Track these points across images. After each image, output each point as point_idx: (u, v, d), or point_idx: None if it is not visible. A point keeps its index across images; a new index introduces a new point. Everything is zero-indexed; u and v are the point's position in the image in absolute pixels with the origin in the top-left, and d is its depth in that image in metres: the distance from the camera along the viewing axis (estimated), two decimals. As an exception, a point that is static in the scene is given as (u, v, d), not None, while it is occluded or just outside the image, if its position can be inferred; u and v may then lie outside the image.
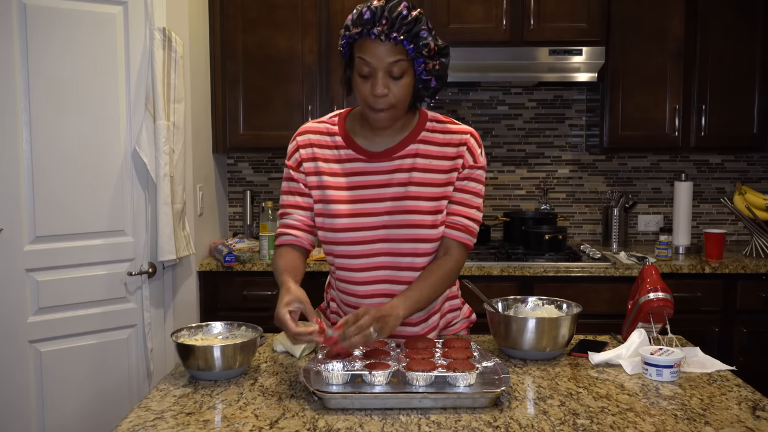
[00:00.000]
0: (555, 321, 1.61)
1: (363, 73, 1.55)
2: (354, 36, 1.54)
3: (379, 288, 1.68)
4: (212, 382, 1.50)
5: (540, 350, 1.61)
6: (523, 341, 1.61)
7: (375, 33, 1.50)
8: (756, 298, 3.08)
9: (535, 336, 1.60)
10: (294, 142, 1.72)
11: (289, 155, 1.73)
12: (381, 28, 1.50)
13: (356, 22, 1.53)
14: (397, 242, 1.65)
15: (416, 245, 1.65)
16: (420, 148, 1.67)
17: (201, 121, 3.17)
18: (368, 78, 1.55)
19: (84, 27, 2.52)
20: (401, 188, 1.65)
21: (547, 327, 1.60)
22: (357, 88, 1.58)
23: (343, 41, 1.58)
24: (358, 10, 1.54)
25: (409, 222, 1.64)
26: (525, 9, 3.22)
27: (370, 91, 1.55)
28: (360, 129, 1.69)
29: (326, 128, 1.71)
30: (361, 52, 1.53)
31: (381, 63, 1.52)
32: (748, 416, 1.31)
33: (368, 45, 1.52)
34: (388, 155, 1.66)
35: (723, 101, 3.29)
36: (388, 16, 1.50)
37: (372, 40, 1.52)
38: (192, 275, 3.00)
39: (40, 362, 2.49)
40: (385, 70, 1.53)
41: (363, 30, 1.52)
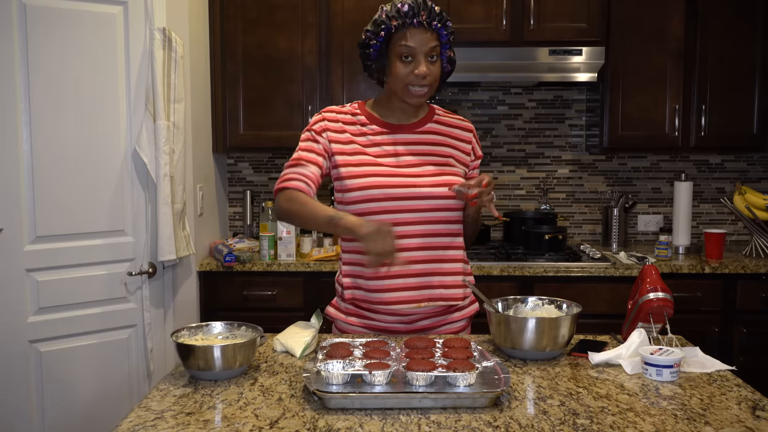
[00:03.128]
0: (555, 321, 1.61)
1: (405, 58, 1.76)
2: (395, 26, 1.75)
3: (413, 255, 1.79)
4: (212, 382, 1.50)
5: (540, 350, 1.61)
6: (523, 341, 1.61)
7: (418, 21, 1.74)
8: (756, 298, 3.08)
9: (535, 336, 1.60)
10: (320, 115, 1.88)
11: (313, 122, 1.86)
12: (422, 17, 1.74)
13: (395, 15, 1.75)
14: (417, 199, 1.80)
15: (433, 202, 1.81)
16: (435, 127, 1.91)
17: (201, 121, 3.17)
18: (409, 62, 1.76)
19: (84, 27, 2.52)
20: (422, 157, 1.85)
21: (547, 327, 1.60)
22: (396, 71, 1.78)
23: (382, 33, 1.76)
24: (392, 6, 1.76)
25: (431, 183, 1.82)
26: (525, 9, 3.22)
27: (411, 71, 1.76)
28: (382, 111, 1.89)
29: (348, 110, 1.90)
30: (403, 40, 1.75)
31: (423, 47, 1.76)
32: (748, 416, 1.31)
33: (411, 32, 1.75)
34: (411, 128, 1.88)
35: (723, 101, 3.29)
36: (426, 8, 1.75)
37: (415, 27, 1.75)
38: (192, 275, 3.00)
39: (40, 362, 2.49)
40: (425, 53, 1.76)
41: (405, 21, 1.74)
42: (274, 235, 3.14)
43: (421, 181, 1.80)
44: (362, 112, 1.89)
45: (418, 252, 1.80)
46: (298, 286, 3.10)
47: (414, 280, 1.80)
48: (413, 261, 1.79)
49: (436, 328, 1.88)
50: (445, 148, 1.89)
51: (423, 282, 1.81)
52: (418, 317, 1.85)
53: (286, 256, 3.13)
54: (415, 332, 1.85)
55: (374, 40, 1.78)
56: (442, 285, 1.83)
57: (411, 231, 1.79)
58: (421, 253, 1.80)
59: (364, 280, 1.83)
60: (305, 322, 1.79)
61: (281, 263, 3.10)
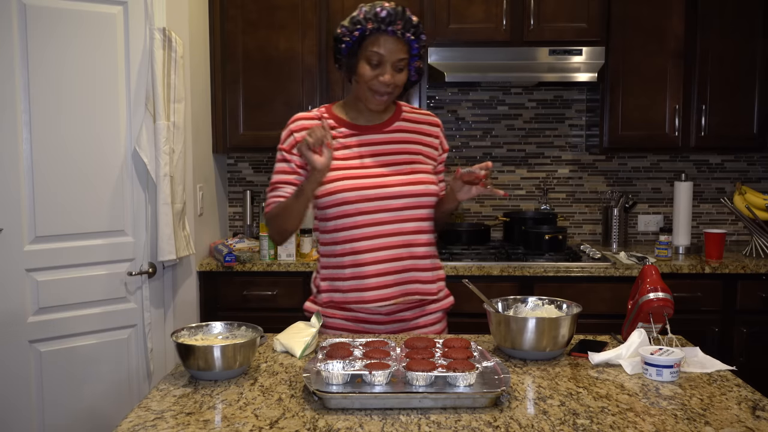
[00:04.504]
0: (555, 321, 1.61)
1: (373, 63, 1.79)
2: (370, 29, 1.77)
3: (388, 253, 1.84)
4: (212, 382, 1.50)
5: (540, 350, 1.61)
6: (523, 341, 1.61)
7: (392, 30, 1.77)
8: (756, 298, 3.08)
9: (535, 336, 1.60)
10: (287, 129, 1.90)
11: (282, 140, 1.90)
12: (398, 26, 1.77)
13: (372, 19, 1.76)
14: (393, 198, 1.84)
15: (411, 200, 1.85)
16: (403, 125, 1.95)
17: (201, 121, 3.17)
18: (376, 66, 1.79)
19: (84, 27, 2.52)
20: (392, 156, 1.89)
21: (547, 327, 1.60)
22: (362, 72, 1.81)
23: (356, 33, 1.78)
24: (371, 8, 1.78)
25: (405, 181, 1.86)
26: (525, 9, 3.22)
27: (376, 76, 1.80)
28: (349, 113, 1.92)
29: (315, 115, 1.92)
30: (375, 46, 1.78)
31: (392, 56, 1.79)
32: (748, 416, 1.31)
33: (382, 39, 1.78)
34: (379, 128, 1.92)
35: (723, 101, 3.29)
36: (403, 18, 1.78)
37: (388, 35, 1.77)
38: (192, 275, 3.00)
39: (40, 362, 2.49)
40: (393, 62, 1.79)
41: (380, 26, 1.76)
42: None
43: (392, 181, 1.85)
44: (330, 115, 1.92)
45: (393, 250, 1.85)
46: (298, 286, 3.09)
47: (390, 278, 1.85)
48: (390, 259, 1.84)
49: (414, 320, 1.93)
50: (414, 146, 1.93)
51: (399, 279, 1.86)
52: (396, 308, 1.90)
53: (286, 256, 3.13)
54: (394, 323, 1.91)
55: (347, 38, 1.80)
56: (417, 280, 1.89)
57: (385, 230, 1.84)
58: (395, 251, 1.85)
59: (341, 282, 1.87)
60: (305, 322, 1.79)
61: (281, 263, 3.10)
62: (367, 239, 1.83)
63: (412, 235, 1.87)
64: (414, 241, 1.87)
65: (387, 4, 1.78)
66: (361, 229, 1.83)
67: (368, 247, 1.83)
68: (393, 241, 1.84)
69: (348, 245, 1.84)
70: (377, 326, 1.90)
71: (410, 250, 1.87)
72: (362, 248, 1.83)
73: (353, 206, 1.82)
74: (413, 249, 1.87)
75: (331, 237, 1.87)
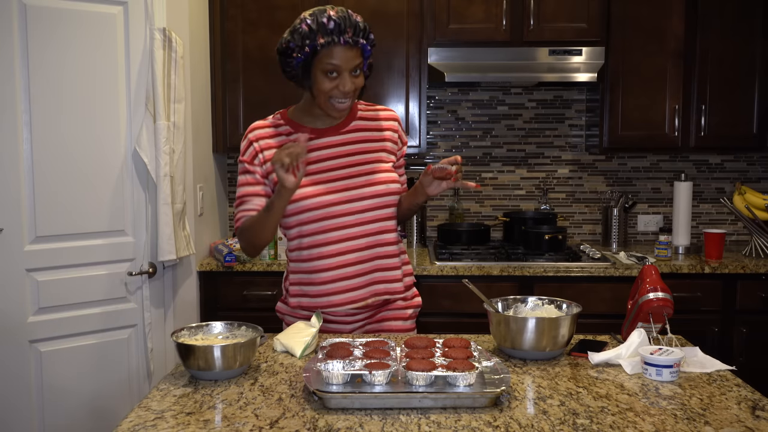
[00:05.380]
0: (555, 321, 1.61)
1: (330, 74, 1.77)
2: (321, 44, 1.74)
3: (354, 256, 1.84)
4: (212, 381, 1.50)
5: (540, 350, 1.61)
6: (523, 341, 1.61)
7: (344, 40, 1.74)
8: (756, 298, 3.08)
9: (535, 336, 1.60)
10: (246, 140, 1.91)
11: (243, 152, 1.90)
12: (348, 35, 1.74)
13: (322, 32, 1.73)
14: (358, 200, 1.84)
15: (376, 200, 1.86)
16: (360, 124, 1.94)
17: (201, 121, 3.17)
18: (334, 77, 1.77)
19: (84, 27, 2.52)
20: (354, 157, 1.88)
21: (547, 327, 1.60)
22: (321, 86, 1.79)
23: (307, 48, 1.75)
24: (315, 18, 1.74)
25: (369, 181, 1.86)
26: (525, 9, 3.22)
27: (335, 87, 1.78)
28: (306, 118, 1.90)
29: (272, 122, 1.92)
30: (329, 57, 1.75)
31: (348, 64, 1.77)
32: (748, 416, 1.31)
33: (336, 50, 1.75)
34: (336, 130, 1.90)
35: (723, 101, 3.29)
36: (351, 25, 1.75)
37: (341, 45, 1.75)
38: (192, 275, 3.00)
39: (40, 362, 2.49)
40: (349, 70, 1.78)
41: (332, 38, 1.73)
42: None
43: (354, 183, 1.85)
44: (286, 122, 1.90)
45: (359, 253, 1.85)
46: (298, 286, 3.09)
47: (358, 279, 1.86)
48: (356, 262, 1.85)
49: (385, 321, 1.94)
50: (373, 144, 1.92)
51: (367, 280, 1.87)
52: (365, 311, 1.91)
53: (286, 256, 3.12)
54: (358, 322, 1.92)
55: (298, 53, 1.77)
56: (384, 280, 1.89)
57: (349, 234, 1.84)
58: (361, 254, 1.86)
59: (309, 287, 1.88)
60: (305, 322, 1.79)
61: (281, 263, 3.10)
62: (331, 243, 1.83)
63: (377, 235, 1.87)
64: (379, 241, 1.87)
65: (331, 12, 1.74)
66: (325, 234, 1.83)
67: (333, 252, 1.83)
68: (358, 243, 1.84)
69: (314, 250, 1.84)
70: (342, 326, 1.91)
71: (375, 251, 1.87)
72: (327, 253, 1.83)
73: (316, 212, 1.81)
74: (379, 249, 1.87)
75: (296, 243, 1.87)
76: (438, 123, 3.68)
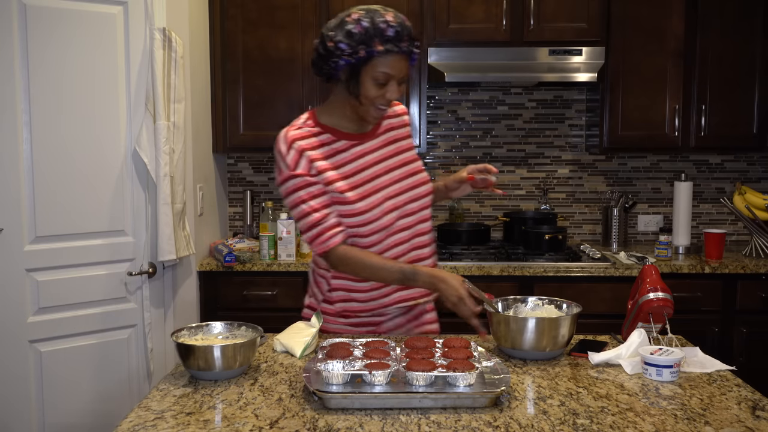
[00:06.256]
0: (555, 321, 1.61)
1: (380, 82, 1.71)
2: (379, 52, 1.67)
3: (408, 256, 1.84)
4: (212, 382, 1.50)
5: (540, 350, 1.61)
6: (523, 341, 1.61)
7: (402, 49, 1.69)
8: (756, 298, 3.08)
9: (535, 336, 1.60)
10: (293, 152, 1.76)
11: (293, 165, 1.75)
12: (406, 44, 1.70)
13: (380, 39, 1.66)
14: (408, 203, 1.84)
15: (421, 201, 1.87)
16: (388, 123, 1.91)
17: (201, 121, 3.17)
18: (382, 85, 1.72)
19: (84, 27, 2.52)
20: (394, 158, 1.86)
21: (547, 327, 1.60)
22: (368, 93, 1.72)
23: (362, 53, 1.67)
24: (373, 24, 1.66)
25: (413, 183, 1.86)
26: (525, 9, 3.22)
27: (383, 95, 1.73)
28: (338, 121, 1.83)
29: (308, 131, 1.81)
30: (384, 66, 1.69)
31: (399, 74, 1.72)
32: (748, 416, 1.31)
33: (393, 60, 1.69)
34: (373, 134, 1.86)
35: (723, 101, 3.29)
36: (408, 33, 1.70)
37: (396, 54, 1.69)
38: (192, 275, 3.00)
39: (40, 362, 2.49)
40: (399, 79, 1.73)
41: (390, 47, 1.67)
42: (274, 235, 3.14)
43: (400, 188, 1.84)
44: (322, 128, 1.81)
45: (410, 253, 1.85)
46: (298, 286, 3.09)
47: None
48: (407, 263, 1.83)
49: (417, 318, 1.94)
50: (403, 142, 1.91)
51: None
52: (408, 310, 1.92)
53: (286, 256, 3.13)
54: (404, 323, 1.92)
55: (350, 57, 1.68)
56: None
57: (399, 239, 1.83)
58: (412, 254, 1.85)
59: (359, 293, 1.85)
60: (305, 322, 1.79)
61: (281, 263, 3.10)
62: (384, 251, 1.81)
63: (422, 236, 1.87)
64: (424, 242, 1.88)
65: (389, 18, 1.67)
66: (379, 244, 1.80)
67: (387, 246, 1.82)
68: (406, 247, 1.84)
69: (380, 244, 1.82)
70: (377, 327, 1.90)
71: (422, 251, 1.87)
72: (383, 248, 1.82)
73: (370, 226, 1.78)
74: (420, 251, 1.87)
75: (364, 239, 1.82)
76: (438, 123, 3.68)
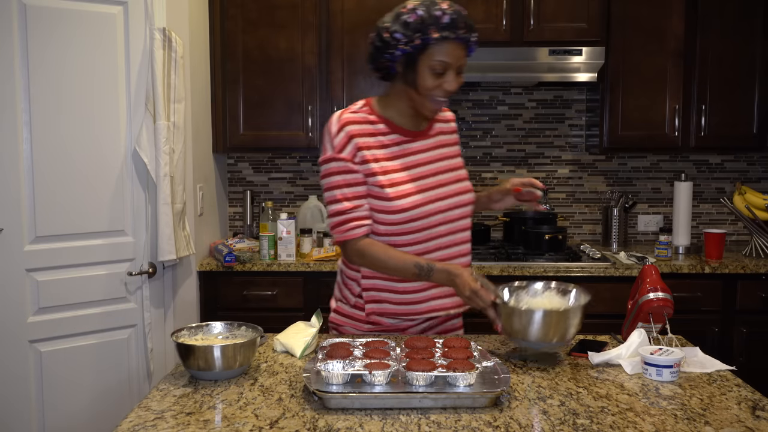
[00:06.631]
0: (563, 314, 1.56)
1: (437, 71, 1.68)
2: (435, 39, 1.64)
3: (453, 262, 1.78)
4: (212, 382, 1.50)
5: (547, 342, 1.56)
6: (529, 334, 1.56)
7: (458, 36, 1.66)
8: (756, 298, 3.08)
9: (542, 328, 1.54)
10: (343, 134, 1.73)
11: (339, 147, 1.73)
12: (463, 31, 1.66)
13: (435, 26, 1.64)
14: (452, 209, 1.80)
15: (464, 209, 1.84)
16: (439, 128, 1.88)
17: (201, 121, 3.17)
18: (439, 74, 1.69)
19: (84, 27, 2.52)
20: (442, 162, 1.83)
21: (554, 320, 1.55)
22: (425, 83, 1.69)
23: (418, 41, 1.65)
24: (428, 11, 1.64)
25: (458, 190, 1.83)
26: (525, 9, 3.22)
27: (440, 85, 1.70)
28: (390, 112, 1.80)
29: (364, 117, 1.78)
30: (441, 55, 1.66)
31: (456, 63, 1.69)
32: (748, 416, 1.31)
33: (449, 47, 1.66)
34: (425, 134, 1.83)
35: (723, 101, 3.29)
36: (464, 20, 1.67)
37: (453, 42, 1.66)
38: (192, 275, 3.00)
39: (40, 362, 2.49)
40: (456, 68, 1.70)
41: (446, 34, 1.64)
42: (274, 235, 3.14)
43: (447, 192, 1.80)
44: (378, 119, 1.78)
45: (454, 261, 1.81)
46: (298, 286, 3.10)
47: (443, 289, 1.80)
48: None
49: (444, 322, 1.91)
50: (451, 149, 1.89)
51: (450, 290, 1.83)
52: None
53: (286, 256, 3.13)
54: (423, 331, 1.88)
55: (406, 45, 1.66)
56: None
57: (442, 243, 1.80)
58: (456, 261, 1.81)
59: (392, 294, 1.80)
60: (305, 322, 1.79)
61: (281, 263, 3.10)
62: (422, 254, 1.77)
63: (461, 245, 1.84)
64: (462, 251, 1.85)
65: (444, 6, 1.65)
66: (416, 245, 1.77)
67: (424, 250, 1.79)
68: (448, 252, 1.81)
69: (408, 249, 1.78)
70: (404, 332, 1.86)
71: (465, 259, 1.84)
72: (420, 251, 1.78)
73: (412, 224, 1.75)
74: (461, 259, 1.84)
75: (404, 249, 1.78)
76: (438, 123, 3.68)
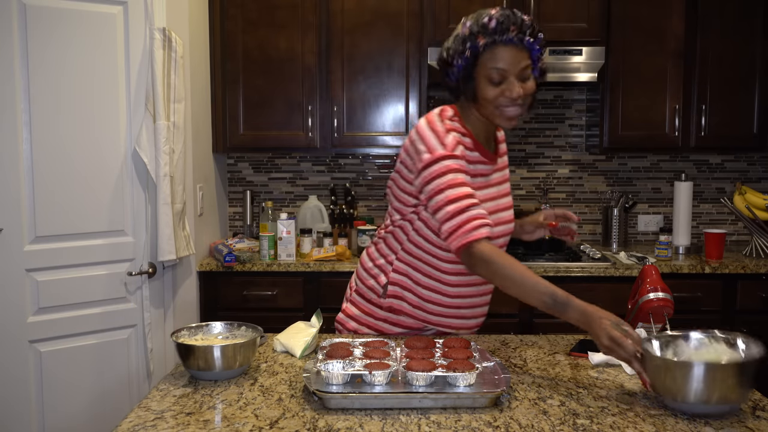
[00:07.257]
0: (731, 368, 1.30)
1: (495, 80, 1.62)
2: (483, 45, 1.59)
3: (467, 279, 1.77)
4: (212, 382, 1.50)
5: (710, 405, 1.28)
6: (686, 393, 1.28)
7: (508, 39, 1.58)
8: (756, 298, 3.08)
9: (704, 386, 1.26)
10: (451, 135, 1.66)
11: (452, 146, 1.64)
12: (512, 33, 1.58)
13: (482, 32, 1.59)
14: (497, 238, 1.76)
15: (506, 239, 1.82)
16: (502, 148, 1.85)
17: (201, 121, 3.17)
18: (499, 84, 1.62)
19: (84, 27, 2.52)
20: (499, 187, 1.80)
21: (719, 375, 1.28)
22: (485, 94, 1.63)
23: (468, 52, 1.60)
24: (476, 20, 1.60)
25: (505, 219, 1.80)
26: (525, 9, 3.22)
27: (502, 93, 1.62)
28: (472, 127, 1.73)
29: (458, 125, 1.71)
30: (493, 61, 1.60)
31: (514, 68, 1.61)
32: (748, 416, 1.31)
33: (500, 52, 1.59)
34: (495, 158, 1.78)
35: (723, 101, 3.29)
36: (515, 22, 1.59)
37: (505, 45, 1.59)
38: (192, 275, 3.00)
39: (40, 362, 2.49)
40: (517, 74, 1.62)
41: (494, 38, 1.58)
42: (274, 235, 3.14)
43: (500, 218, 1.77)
44: (466, 132, 1.71)
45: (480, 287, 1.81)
46: (298, 286, 3.10)
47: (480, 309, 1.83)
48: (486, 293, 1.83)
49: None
50: (507, 171, 1.86)
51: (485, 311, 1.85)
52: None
53: (286, 256, 3.13)
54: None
55: (458, 59, 1.62)
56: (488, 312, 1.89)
57: None
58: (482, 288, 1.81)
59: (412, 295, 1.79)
60: (305, 322, 1.79)
61: (281, 263, 3.10)
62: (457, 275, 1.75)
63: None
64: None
65: (493, 11, 1.60)
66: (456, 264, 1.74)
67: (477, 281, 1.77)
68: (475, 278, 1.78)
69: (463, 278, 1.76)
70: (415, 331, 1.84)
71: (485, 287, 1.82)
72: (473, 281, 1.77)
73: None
74: (485, 286, 1.83)
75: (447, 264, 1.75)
76: (438, 123, 3.68)
